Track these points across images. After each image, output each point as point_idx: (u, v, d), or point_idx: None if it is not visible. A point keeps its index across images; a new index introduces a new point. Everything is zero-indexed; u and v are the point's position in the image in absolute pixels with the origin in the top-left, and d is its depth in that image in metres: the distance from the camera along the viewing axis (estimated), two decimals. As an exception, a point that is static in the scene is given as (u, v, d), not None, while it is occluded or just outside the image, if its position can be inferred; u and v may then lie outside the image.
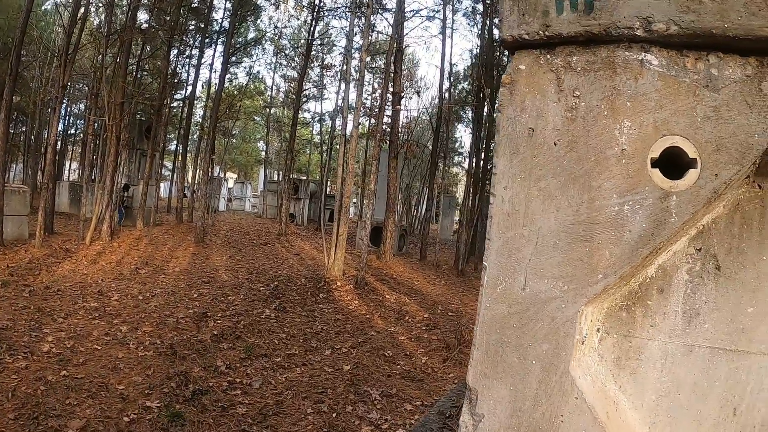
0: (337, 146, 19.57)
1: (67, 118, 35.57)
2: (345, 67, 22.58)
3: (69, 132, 37.02)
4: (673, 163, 1.66)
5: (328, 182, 32.86)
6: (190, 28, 28.24)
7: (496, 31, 26.06)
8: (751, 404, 1.75)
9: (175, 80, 28.76)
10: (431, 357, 10.25)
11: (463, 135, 52.53)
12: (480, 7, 25.81)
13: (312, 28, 27.84)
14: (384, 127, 21.51)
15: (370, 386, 8.38)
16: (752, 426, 1.74)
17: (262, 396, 7.82)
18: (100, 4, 22.68)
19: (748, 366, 1.75)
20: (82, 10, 18.94)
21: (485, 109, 25.46)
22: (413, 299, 14.80)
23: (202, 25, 27.87)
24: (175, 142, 34.46)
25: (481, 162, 26.57)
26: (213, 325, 10.68)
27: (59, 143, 27.57)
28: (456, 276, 20.69)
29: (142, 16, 24.56)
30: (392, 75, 19.12)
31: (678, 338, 1.78)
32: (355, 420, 7.28)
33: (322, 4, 27.62)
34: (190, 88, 30.62)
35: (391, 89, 19.63)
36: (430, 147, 28.85)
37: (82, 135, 31.44)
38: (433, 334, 11.59)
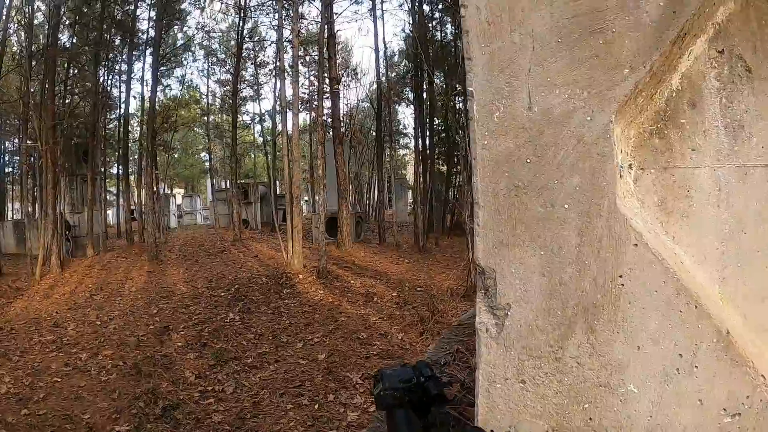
0: (281, 145, 19.18)
1: (2, 156, 34.46)
2: (278, 63, 22.14)
3: (6, 171, 35.84)
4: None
5: (277, 182, 32.38)
6: (116, 42, 27.33)
7: (426, 8, 25.98)
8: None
9: (107, 99, 27.86)
10: (407, 333, 10.06)
11: (406, 116, 52.43)
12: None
13: (240, 28, 27.37)
14: (325, 117, 21.22)
15: (349, 371, 8.17)
16: None
17: (238, 400, 7.55)
18: (20, 27, 21.77)
19: (817, 182, 1.42)
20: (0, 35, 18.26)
21: (425, 85, 25.34)
22: (379, 281, 14.59)
23: (128, 37, 26.99)
24: (116, 164, 33.52)
25: (427, 138, 26.43)
26: (176, 337, 10.33)
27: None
28: (418, 253, 20.55)
29: (65, 38, 23.76)
30: (327, 60, 18.77)
31: (727, 160, 1.43)
32: (338, 408, 7.06)
33: (248, 2, 27.15)
34: (123, 106, 29.82)
35: (327, 75, 19.29)
36: (374, 133, 28.65)
37: (19, 171, 30.46)
38: (405, 310, 11.40)
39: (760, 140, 1.41)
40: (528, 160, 1.46)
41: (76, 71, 25.15)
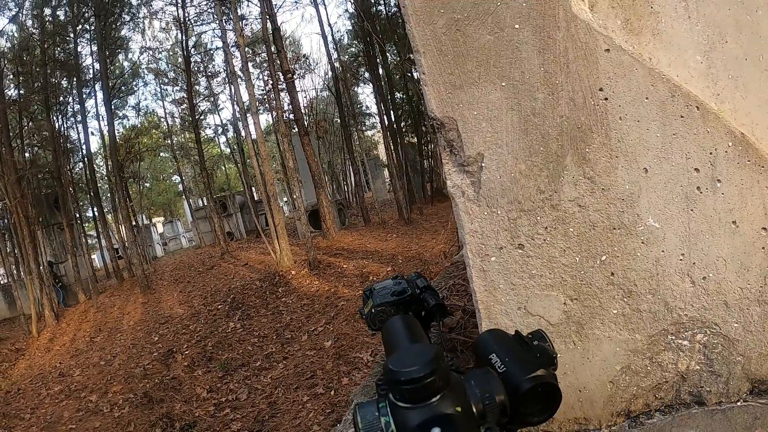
0: (248, 150, 18.94)
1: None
2: (229, 68, 21.83)
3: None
4: None
5: (253, 188, 32.10)
6: (64, 84, 26.78)
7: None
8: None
9: (66, 142, 27.32)
10: (408, 302, 9.94)
11: (367, 95, 52.14)
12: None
13: (185, 42, 26.86)
14: (286, 112, 20.99)
15: (358, 351, 8.05)
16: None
17: (253, 404, 7.41)
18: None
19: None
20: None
21: (378, 60, 25.15)
22: (371, 260, 14.48)
23: (75, 75, 26.40)
24: (90, 206, 33.08)
25: (391, 113, 26.22)
26: (181, 358, 10.18)
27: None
28: (405, 226, 20.49)
29: (11, 90, 23.23)
30: (276, 55, 18.44)
31: None
32: (354, 389, 6.90)
33: (186, 15, 26.66)
34: (84, 147, 29.30)
35: (279, 70, 18.98)
36: (339, 120, 28.50)
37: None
38: (402, 281, 11.25)
39: None
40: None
41: (30, 122, 24.73)
